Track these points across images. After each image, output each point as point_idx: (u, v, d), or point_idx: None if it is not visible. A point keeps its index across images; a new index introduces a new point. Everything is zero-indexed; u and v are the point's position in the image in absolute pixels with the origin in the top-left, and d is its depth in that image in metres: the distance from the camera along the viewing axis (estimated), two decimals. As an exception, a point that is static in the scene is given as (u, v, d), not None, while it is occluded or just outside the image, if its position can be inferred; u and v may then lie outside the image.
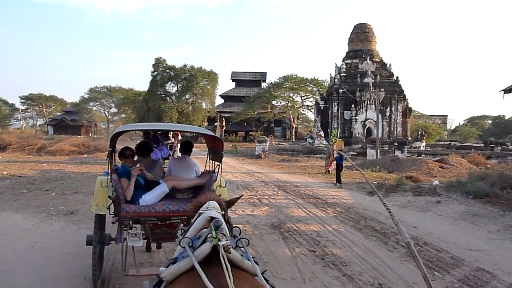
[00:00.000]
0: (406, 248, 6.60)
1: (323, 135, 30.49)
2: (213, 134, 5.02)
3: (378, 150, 23.98)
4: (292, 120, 48.36)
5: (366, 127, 30.36)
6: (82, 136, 68.81)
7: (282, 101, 50.37)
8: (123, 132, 4.99)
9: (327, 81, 46.97)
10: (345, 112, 31.04)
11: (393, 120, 30.80)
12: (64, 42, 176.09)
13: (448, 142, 41.73)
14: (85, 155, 23.93)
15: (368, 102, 29.85)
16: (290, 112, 49.27)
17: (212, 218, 1.92)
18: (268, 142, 27.61)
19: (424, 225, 8.33)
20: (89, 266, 4.46)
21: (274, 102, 52.16)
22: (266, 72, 70.76)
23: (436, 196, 12.39)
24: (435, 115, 77.26)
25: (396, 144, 25.79)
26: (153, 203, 4.44)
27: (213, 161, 5.15)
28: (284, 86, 47.82)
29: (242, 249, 1.85)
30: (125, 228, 4.39)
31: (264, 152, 26.29)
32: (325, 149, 21.69)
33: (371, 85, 30.10)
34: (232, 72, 70.56)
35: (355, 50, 32.82)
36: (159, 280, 1.76)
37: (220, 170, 4.92)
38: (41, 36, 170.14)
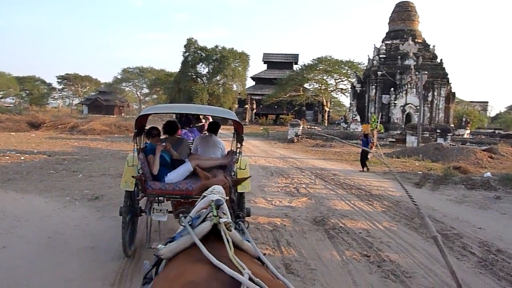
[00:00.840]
0: (478, 256, 5.61)
1: (359, 119, 29.06)
2: (235, 117, 5.00)
3: (419, 137, 22.46)
4: (325, 104, 46.79)
5: (406, 113, 28.66)
6: (115, 116, 69.97)
7: (315, 84, 48.72)
8: (148, 114, 5.01)
9: (364, 64, 45.01)
10: (383, 96, 29.37)
11: (435, 105, 28.91)
12: (100, 24, 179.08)
13: (492, 130, 39.13)
14: (116, 135, 23.73)
15: (409, 86, 28.05)
16: (323, 95, 47.66)
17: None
18: (301, 126, 26.52)
19: (489, 226, 7.21)
20: (111, 266, 4.47)
21: (306, 85, 50.61)
22: (298, 54, 68.87)
23: (492, 190, 11.11)
24: (474, 101, 73.31)
25: (438, 131, 24.16)
26: (178, 181, 4.63)
27: (237, 143, 5.21)
28: (318, 68, 46.14)
29: (240, 231, 1.83)
30: (150, 205, 4.68)
31: (297, 136, 25.27)
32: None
33: (413, 67, 28.21)
34: (263, 53, 69.10)
35: (396, 30, 30.80)
36: (158, 259, 1.74)
37: (240, 152, 5.00)
38: (77, 17, 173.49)
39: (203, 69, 57.65)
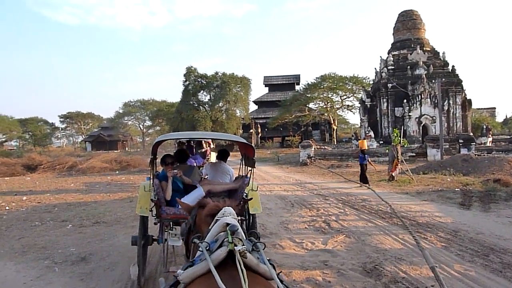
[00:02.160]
0: None
1: (373, 135, 27.45)
2: (245, 141, 5.23)
3: (442, 149, 20.77)
4: (332, 122, 45.29)
5: (422, 124, 27.05)
6: (118, 151, 68.98)
7: (320, 102, 47.41)
8: (164, 140, 5.35)
9: (368, 78, 43.85)
10: (395, 108, 27.85)
11: (451, 114, 27.30)
12: (98, 61, 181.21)
13: (510, 136, 37.31)
14: (117, 172, 22.23)
15: (422, 96, 26.56)
16: (329, 113, 46.26)
17: (227, 224, 1.92)
18: (313, 147, 24.94)
19: None
20: None
21: (311, 104, 49.33)
22: (299, 75, 68.33)
23: (555, 206, 9.40)
24: (481, 108, 71.51)
25: (461, 141, 22.48)
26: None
27: (246, 167, 5.36)
28: (322, 86, 44.88)
29: (258, 252, 1.85)
30: (166, 229, 4.87)
31: (309, 158, 23.66)
32: (387, 151, 18.80)
33: (424, 76, 26.80)
34: (264, 77, 68.58)
35: (402, 40, 29.59)
36: (176, 281, 1.78)
37: (252, 175, 5.12)
38: (77, 57, 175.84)
39: (204, 96, 56.88)
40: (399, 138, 15.62)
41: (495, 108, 78.34)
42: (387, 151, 18.44)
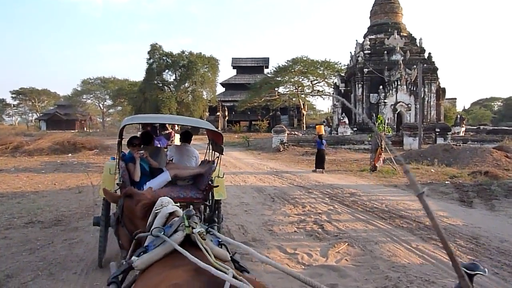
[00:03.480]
0: None
1: (347, 122, 26.41)
2: (215, 129, 5.13)
3: (421, 138, 19.98)
4: (302, 107, 44.13)
5: (397, 112, 26.28)
6: (76, 131, 64.96)
7: (290, 86, 46.03)
8: (130, 124, 5.17)
9: (340, 63, 42.86)
10: (370, 95, 26.90)
11: (426, 102, 26.71)
12: (57, 36, 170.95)
13: (477, 126, 37.68)
14: (70, 155, 19.87)
15: (399, 83, 25.70)
16: (300, 98, 45.07)
17: (170, 214, 1.94)
18: (287, 132, 23.53)
19: None
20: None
21: (281, 89, 47.90)
22: (268, 58, 66.50)
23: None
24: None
25: (438, 130, 21.82)
26: (156, 189, 4.01)
27: (214, 152, 5.43)
28: (293, 70, 43.44)
29: (212, 235, 1.86)
30: None
31: (282, 144, 22.26)
32: (369, 139, 17.69)
33: (401, 62, 25.92)
34: (232, 58, 66.26)
35: (380, 24, 28.51)
36: (128, 267, 1.78)
37: (219, 161, 5.13)
38: (32, 30, 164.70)
39: (169, 76, 54.05)
40: (383, 126, 14.45)
41: (456, 98, 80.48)
42: (369, 139, 17.36)
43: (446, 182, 11.99)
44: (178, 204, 2.16)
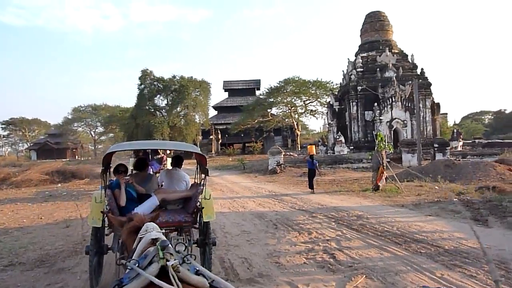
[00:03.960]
0: None
1: (343, 140, 26.03)
2: (197, 150, 5.32)
3: (420, 154, 19.59)
4: (296, 127, 43.83)
5: (393, 128, 26.00)
6: (68, 159, 63.91)
7: (283, 107, 45.84)
8: (115, 151, 5.19)
9: (332, 82, 42.91)
10: (365, 112, 26.65)
11: (422, 118, 26.48)
12: (47, 65, 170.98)
13: (472, 140, 37.53)
14: (59, 185, 19.11)
15: (393, 99, 25.50)
16: (293, 118, 44.83)
17: (153, 240, 1.91)
18: (283, 153, 23.03)
19: None
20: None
21: (274, 110, 47.71)
22: (259, 80, 66.92)
23: None
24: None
25: (436, 145, 21.47)
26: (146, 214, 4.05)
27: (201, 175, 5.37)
28: (285, 91, 43.36)
29: (189, 263, 1.85)
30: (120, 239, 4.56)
31: (279, 166, 21.72)
32: (370, 158, 17.23)
33: (395, 79, 25.82)
34: (224, 81, 66.51)
35: (371, 42, 28.57)
36: None
37: (205, 183, 5.15)
38: (22, 60, 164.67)
39: (161, 101, 53.82)
40: (384, 143, 14.02)
41: (446, 113, 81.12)
42: (370, 157, 16.88)
43: (454, 199, 11.49)
44: (163, 231, 2.15)
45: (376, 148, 14.12)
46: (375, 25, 28.40)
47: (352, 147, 25.97)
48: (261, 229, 8.51)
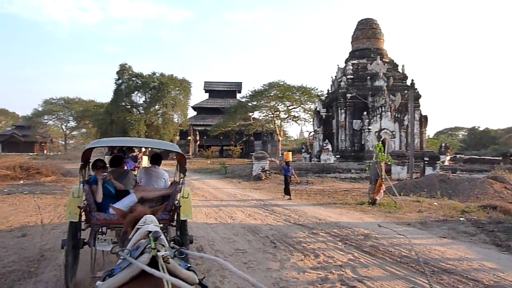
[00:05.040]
0: None
1: (330, 148, 25.10)
2: (177, 150, 5.38)
3: (412, 167, 18.82)
4: (278, 133, 42.81)
5: (381, 139, 25.26)
6: (35, 153, 60.70)
7: (266, 111, 44.73)
8: (95, 147, 5.29)
9: (317, 89, 42.19)
10: (353, 121, 25.84)
11: (410, 130, 25.88)
12: (19, 54, 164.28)
13: (453, 155, 37.42)
14: (21, 182, 17.22)
15: (383, 109, 24.78)
16: (275, 124, 43.80)
17: (149, 232, 1.89)
18: (268, 159, 21.82)
19: None
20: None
21: (256, 114, 46.55)
22: (241, 82, 65.83)
23: None
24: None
25: (427, 159, 20.80)
26: None
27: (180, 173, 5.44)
28: (269, 94, 42.30)
29: (180, 259, 1.84)
30: (97, 235, 4.67)
31: (264, 172, 20.50)
32: (367, 169, 16.26)
33: (385, 88, 25.13)
34: (204, 82, 64.99)
35: (362, 49, 27.84)
36: None
37: (183, 182, 5.21)
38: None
39: (139, 98, 51.67)
40: (383, 154, 13.06)
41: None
42: (367, 169, 15.92)
43: (461, 218, 10.57)
44: (161, 225, 2.18)
45: (374, 159, 13.14)
46: (367, 33, 27.73)
47: (339, 156, 25.07)
48: (257, 247, 7.24)
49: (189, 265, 1.84)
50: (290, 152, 17.28)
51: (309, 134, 43.28)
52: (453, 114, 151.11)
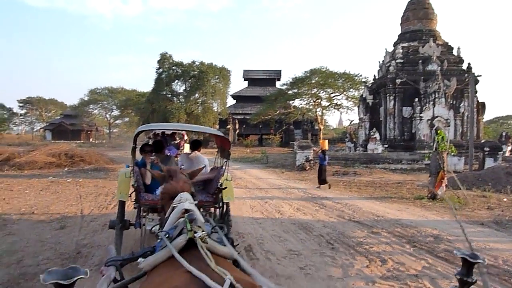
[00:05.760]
0: None
1: (378, 138, 23.66)
2: (222, 134, 5.61)
3: (472, 159, 17.18)
4: (320, 122, 41.41)
5: (434, 127, 23.48)
6: (82, 141, 62.93)
7: (307, 99, 43.33)
8: (144, 130, 5.74)
9: (361, 75, 40.28)
10: (403, 108, 24.18)
11: (466, 117, 23.92)
12: (66, 46, 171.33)
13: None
14: (66, 169, 17.30)
15: (437, 95, 22.94)
16: (317, 112, 42.40)
17: (186, 210, 1.95)
18: (313, 148, 20.77)
19: None
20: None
21: (296, 101, 45.26)
22: (280, 70, 64.38)
23: None
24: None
25: (487, 149, 18.98)
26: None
27: (222, 159, 5.90)
28: (311, 82, 40.86)
29: (217, 234, 1.82)
30: (143, 215, 5.18)
31: (308, 162, 19.52)
32: (426, 160, 14.97)
33: (439, 73, 23.23)
34: (243, 70, 64.14)
35: (413, 31, 25.87)
36: (128, 258, 1.81)
37: (227, 166, 5.38)
38: (42, 40, 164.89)
39: (179, 87, 51.86)
40: (446, 144, 11.73)
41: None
42: (426, 159, 14.61)
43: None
44: (196, 202, 2.16)
45: (435, 148, 11.85)
46: (418, 13, 25.68)
47: (387, 145, 23.57)
48: (313, 248, 6.39)
49: (225, 243, 1.78)
50: (327, 140, 16.45)
51: (350, 122, 41.69)
52: (505, 102, 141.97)
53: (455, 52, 25.53)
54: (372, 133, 23.72)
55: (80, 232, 6.76)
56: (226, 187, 5.23)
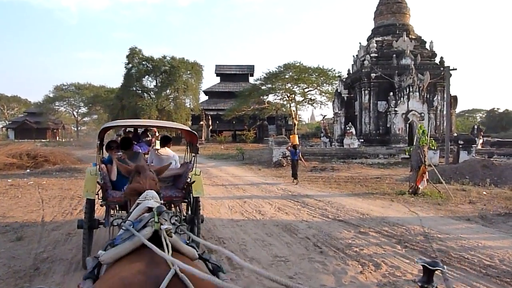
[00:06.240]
0: None
1: (354, 132, 23.53)
2: (189, 129, 5.69)
3: (449, 152, 17.24)
4: (294, 116, 41.19)
5: (409, 121, 23.59)
6: (47, 140, 60.37)
7: (281, 94, 43.01)
8: (111, 127, 5.88)
9: (334, 70, 40.27)
10: (378, 102, 24.15)
11: (439, 111, 24.18)
12: (29, 42, 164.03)
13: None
14: (28, 170, 16.13)
15: (411, 89, 23.01)
16: (291, 107, 42.17)
17: (149, 208, 1.92)
18: (290, 143, 20.32)
19: None
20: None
21: (270, 97, 44.89)
22: (253, 65, 63.94)
23: None
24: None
25: (461, 142, 19.15)
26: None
27: (190, 153, 5.93)
28: (285, 77, 40.52)
29: (181, 235, 1.89)
30: (111, 214, 5.13)
31: (285, 158, 19.09)
32: (407, 154, 14.79)
33: (413, 67, 23.31)
34: (216, 65, 63.20)
35: (386, 25, 25.84)
36: (98, 262, 1.75)
37: (195, 160, 5.48)
38: (2, 34, 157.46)
39: (149, 82, 50.61)
40: (426, 138, 11.55)
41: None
42: (407, 154, 14.44)
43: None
44: (162, 202, 2.12)
45: (416, 143, 11.65)
46: (391, 7, 25.67)
47: (362, 140, 23.51)
48: (300, 253, 5.91)
49: (190, 240, 1.89)
50: (297, 135, 16.26)
51: (324, 117, 41.67)
52: (471, 96, 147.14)
53: (427, 46, 25.73)
54: (348, 128, 23.57)
55: (39, 244, 5.99)
56: (194, 181, 5.22)
